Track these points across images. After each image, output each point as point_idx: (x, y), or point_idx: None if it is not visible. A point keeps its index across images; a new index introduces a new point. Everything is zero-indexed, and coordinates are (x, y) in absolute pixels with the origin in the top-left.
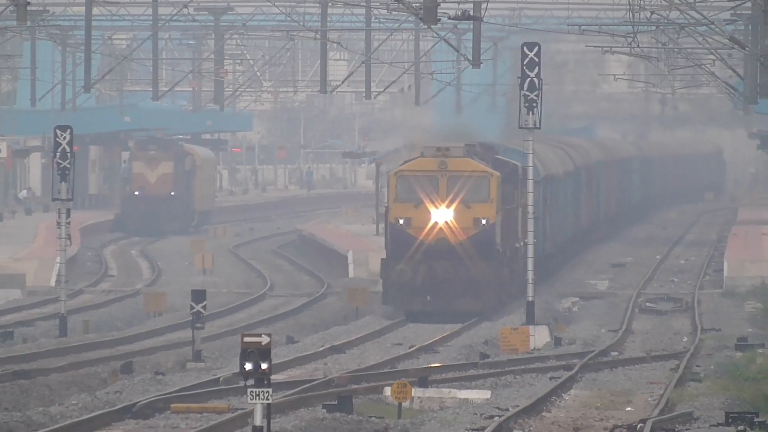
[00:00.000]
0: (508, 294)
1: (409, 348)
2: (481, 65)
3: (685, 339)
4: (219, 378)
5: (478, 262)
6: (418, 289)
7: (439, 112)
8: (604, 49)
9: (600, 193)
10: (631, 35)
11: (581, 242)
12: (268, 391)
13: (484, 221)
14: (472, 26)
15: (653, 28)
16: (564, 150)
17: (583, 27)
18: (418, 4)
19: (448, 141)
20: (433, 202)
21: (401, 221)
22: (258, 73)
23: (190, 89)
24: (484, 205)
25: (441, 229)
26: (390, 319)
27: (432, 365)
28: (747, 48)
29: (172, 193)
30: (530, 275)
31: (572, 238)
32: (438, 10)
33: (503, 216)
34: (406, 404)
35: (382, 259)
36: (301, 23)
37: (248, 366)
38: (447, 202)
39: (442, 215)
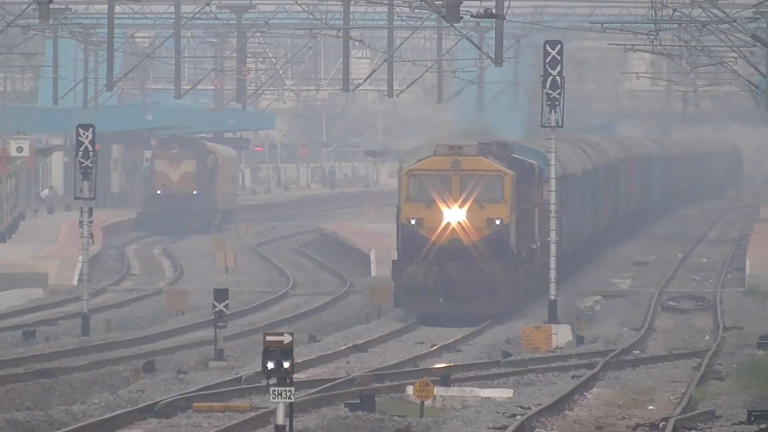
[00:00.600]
0: (524, 296)
1: (432, 347)
2: (503, 63)
3: (707, 337)
4: (241, 377)
5: (492, 264)
6: (430, 292)
7: (461, 110)
8: (627, 46)
9: (619, 192)
10: (654, 33)
11: (599, 242)
12: (290, 390)
13: (498, 221)
14: (494, 24)
15: (675, 25)
16: (582, 149)
17: (605, 25)
18: (440, 2)
19: (468, 139)
20: (445, 202)
21: (413, 222)
22: (280, 72)
23: (213, 87)
24: (498, 205)
25: (454, 229)
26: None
27: (445, 365)
28: None
29: (195, 192)
30: (552, 274)
31: (590, 237)
32: (460, 8)
33: (518, 216)
34: (428, 403)
35: (393, 261)
36: (324, 21)
37: (270, 365)
38: (460, 201)
39: (454, 215)
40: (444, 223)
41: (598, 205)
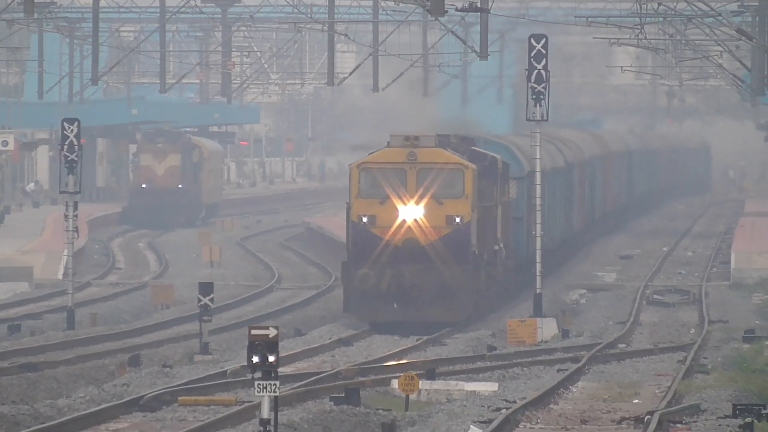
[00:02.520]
0: (486, 302)
1: (417, 340)
2: (488, 57)
3: (692, 331)
4: (226, 371)
5: (452, 266)
6: (384, 297)
7: (446, 104)
8: (612, 41)
9: (595, 192)
10: (639, 27)
11: (572, 245)
12: (275, 384)
13: (457, 219)
14: (479, 18)
15: (660, 19)
16: (555, 145)
17: (590, 19)
18: None
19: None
20: (400, 198)
21: (364, 219)
22: (265, 66)
23: (198, 81)
24: (457, 202)
25: (409, 228)
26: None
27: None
28: (754, 39)
29: (180, 186)
30: (538, 267)
31: (562, 241)
32: (445, 2)
33: (480, 214)
34: (413, 396)
35: (342, 263)
36: (309, 15)
37: (255, 358)
38: (416, 197)
39: (410, 213)
40: (399, 221)
41: (571, 205)
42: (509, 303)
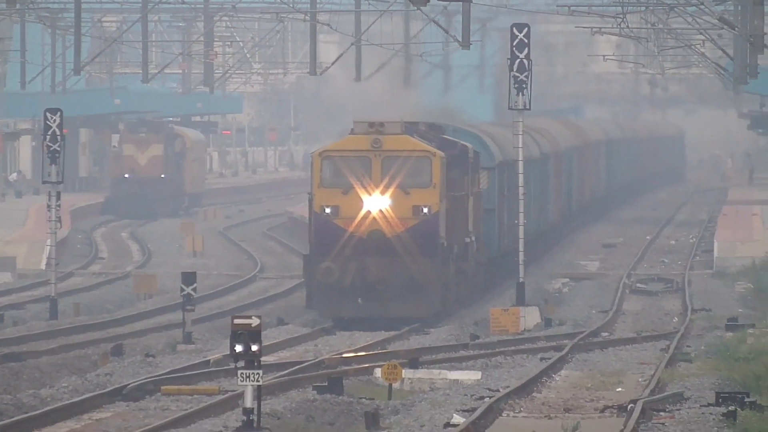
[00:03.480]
0: (456, 297)
1: (400, 330)
2: (470, 46)
3: (675, 319)
4: (209, 360)
5: (419, 259)
6: (348, 292)
7: (429, 94)
8: (594, 30)
9: (572, 183)
10: (621, 16)
11: (548, 239)
12: (258, 373)
13: (425, 210)
14: (461, 8)
15: (642, 8)
16: (529, 135)
17: (572, 8)
18: None
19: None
20: (365, 188)
21: (327, 210)
22: (248, 55)
23: (180, 71)
24: (425, 191)
25: (374, 219)
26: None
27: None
28: (736, 28)
29: (163, 176)
30: (521, 256)
31: (537, 234)
32: None
33: (449, 205)
34: (396, 385)
35: (304, 256)
36: (291, 5)
37: (238, 348)
38: (381, 187)
39: (375, 203)
40: (363, 211)
41: (546, 197)
42: (492, 292)
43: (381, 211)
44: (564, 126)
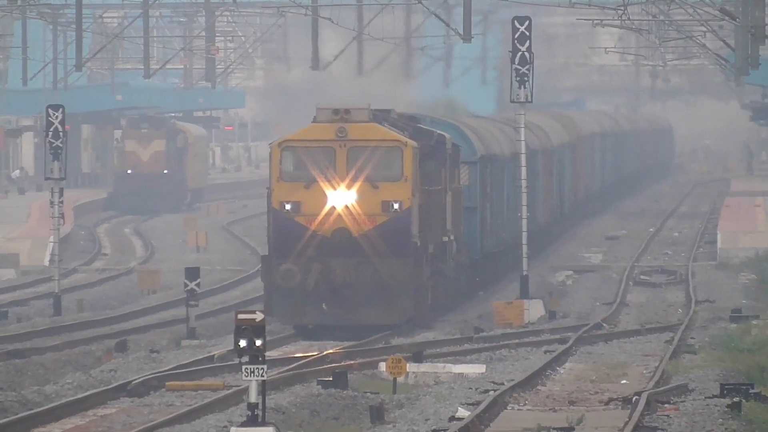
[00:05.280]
0: (432, 302)
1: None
2: (472, 39)
3: (679, 311)
4: (213, 355)
5: (389, 260)
6: (311, 296)
7: (429, 87)
8: (595, 22)
9: (564, 181)
10: (622, 8)
11: (536, 242)
12: (262, 368)
13: (395, 205)
14: (462, 0)
15: (644, 0)
16: (513, 128)
17: (573, 0)
18: None
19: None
20: (329, 181)
21: (287, 207)
22: (250, 50)
23: (182, 67)
24: (395, 185)
25: (339, 216)
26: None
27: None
28: (738, 19)
29: (165, 171)
30: (524, 249)
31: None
32: None
33: (424, 200)
34: (401, 379)
35: (262, 257)
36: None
37: (243, 343)
38: (347, 180)
39: (340, 198)
40: (327, 207)
41: (534, 196)
42: (495, 285)
43: (347, 207)
44: (554, 119)
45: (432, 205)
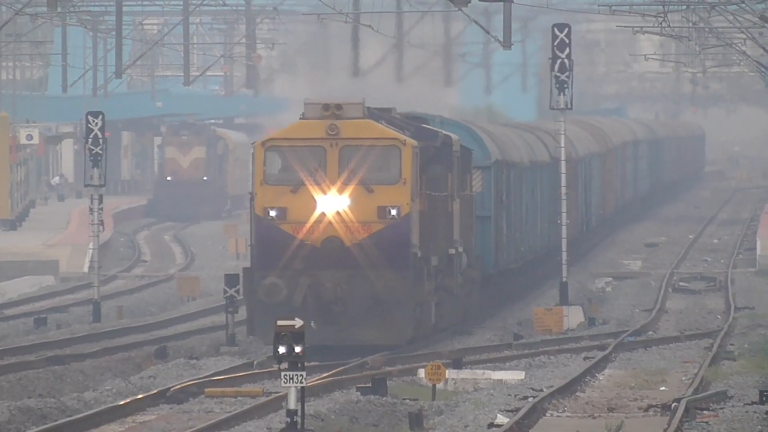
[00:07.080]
0: (436, 320)
1: (442, 330)
2: (512, 46)
3: (718, 318)
4: (253, 362)
5: (385, 273)
6: (298, 313)
7: (469, 94)
8: (635, 29)
9: (591, 194)
10: (662, 15)
11: (558, 255)
12: (302, 375)
13: (393, 212)
14: (502, 7)
15: (684, 7)
16: (535, 135)
17: (613, 7)
18: None
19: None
20: (318, 185)
21: (272, 213)
22: (292, 58)
23: (222, 74)
24: (393, 189)
25: (330, 223)
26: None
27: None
28: None
29: (205, 178)
30: (564, 256)
31: (546, 249)
32: None
33: (425, 206)
34: (440, 386)
35: (244, 269)
36: (333, 7)
37: (282, 350)
38: (339, 184)
39: (331, 203)
40: (316, 214)
41: (557, 209)
42: (533, 292)
43: (338, 213)
44: (583, 129)
45: (436, 212)
